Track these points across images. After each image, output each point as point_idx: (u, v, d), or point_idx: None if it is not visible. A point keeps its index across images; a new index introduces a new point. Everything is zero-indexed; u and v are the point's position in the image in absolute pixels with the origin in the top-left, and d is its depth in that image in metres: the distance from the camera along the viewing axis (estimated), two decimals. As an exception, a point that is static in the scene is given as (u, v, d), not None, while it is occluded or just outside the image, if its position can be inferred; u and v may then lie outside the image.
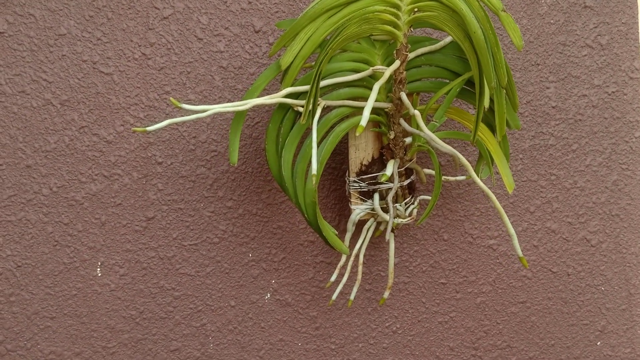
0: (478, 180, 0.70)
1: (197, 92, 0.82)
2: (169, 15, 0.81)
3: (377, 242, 0.87)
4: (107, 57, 0.81)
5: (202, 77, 0.82)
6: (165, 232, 0.83)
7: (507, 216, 0.88)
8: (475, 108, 0.69)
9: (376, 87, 0.68)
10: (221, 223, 0.84)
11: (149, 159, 0.82)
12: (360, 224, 0.83)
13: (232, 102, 0.80)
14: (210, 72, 0.82)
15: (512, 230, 0.71)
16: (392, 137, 0.75)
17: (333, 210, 0.86)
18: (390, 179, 0.76)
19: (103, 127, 0.81)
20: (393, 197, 0.78)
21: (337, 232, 0.77)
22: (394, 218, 0.79)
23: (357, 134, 0.60)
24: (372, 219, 0.80)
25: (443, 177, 0.82)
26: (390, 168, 0.75)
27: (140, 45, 0.81)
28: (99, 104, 0.81)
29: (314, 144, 0.66)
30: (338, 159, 0.85)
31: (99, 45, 0.80)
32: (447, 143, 0.86)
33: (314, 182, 0.62)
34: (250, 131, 0.83)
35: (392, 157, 0.77)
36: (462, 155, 0.84)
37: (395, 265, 0.88)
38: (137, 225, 0.82)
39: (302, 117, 0.69)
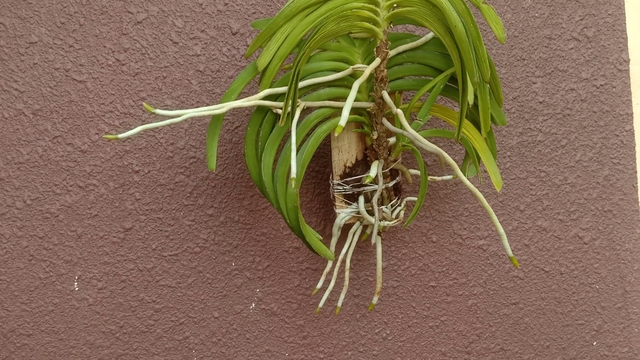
0: (465, 179, 0.68)
1: (173, 97, 0.79)
2: (143, 19, 0.78)
3: (364, 246, 0.84)
4: (80, 64, 0.78)
5: (179, 82, 0.80)
6: (144, 243, 0.80)
7: (497, 215, 0.86)
8: (459, 105, 0.67)
9: (356, 85, 0.66)
10: (202, 232, 0.81)
11: (125, 168, 0.79)
12: (346, 228, 0.81)
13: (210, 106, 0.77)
14: (186, 76, 0.80)
15: (501, 230, 0.69)
16: (375, 137, 0.73)
17: (318, 215, 0.83)
18: (375, 181, 0.74)
19: (77, 136, 0.78)
20: (378, 199, 0.75)
21: (321, 238, 0.75)
22: (380, 221, 0.76)
23: (336, 135, 0.58)
24: (357, 223, 0.78)
25: (429, 177, 0.80)
26: (375, 169, 0.73)
27: (114, 51, 0.79)
28: (72, 113, 0.78)
29: (293, 147, 0.64)
30: (322, 162, 0.82)
31: (71, 53, 0.78)
32: (433, 142, 0.84)
33: (293, 185, 0.60)
34: (230, 136, 0.80)
35: (376, 158, 0.75)
36: (449, 154, 0.81)
37: (383, 269, 0.85)
38: (114, 237, 0.80)
39: (280, 120, 0.66)
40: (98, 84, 0.78)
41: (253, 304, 0.83)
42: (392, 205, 0.77)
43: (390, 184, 0.76)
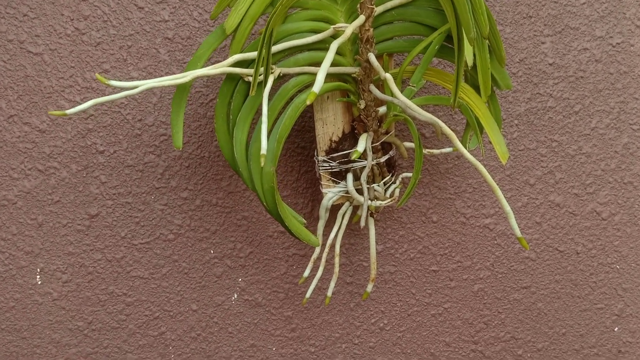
0: (464, 151, 0.60)
1: (140, 68, 0.71)
2: (103, -18, 0.71)
3: (357, 229, 0.76)
4: (35, 35, 0.70)
5: (145, 51, 0.72)
6: (112, 231, 0.73)
7: (504, 191, 0.78)
8: (455, 66, 0.58)
9: (334, 45, 0.57)
10: (176, 217, 0.73)
11: (88, 148, 0.72)
12: (336, 209, 0.73)
13: (178, 77, 0.69)
14: (154, 45, 0.72)
15: (507, 208, 0.61)
16: (362, 106, 0.65)
17: (304, 196, 0.75)
18: (364, 156, 0.66)
19: (35, 114, 0.71)
20: (369, 176, 0.67)
21: (305, 222, 0.67)
22: (372, 200, 0.68)
23: (308, 103, 0.50)
24: (347, 203, 0.70)
25: (426, 151, 0.71)
26: (363, 143, 0.65)
27: (72, 19, 0.71)
28: (28, 89, 0.71)
29: (264, 119, 0.56)
30: (308, 137, 0.74)
31: (25, 22, 0.70)
32: (429, 111, 0.75)
33: (261, 163, 0.52)
34: (205, 110, 0.72)
35: (365, 131, 0.66)
36: (449, 124, 0.73)
37: (379, 253, 0.77)
38: (79, 225, 0.72)
39: (251, 89, 0.58)
40: (56, 56, 0.71)
41: (235, 295, 0.76)
42: (385, 183, 0.69)
43: (382, 159, 0.68)
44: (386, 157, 0.68)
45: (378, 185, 0.68)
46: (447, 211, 0.78)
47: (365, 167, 0.66)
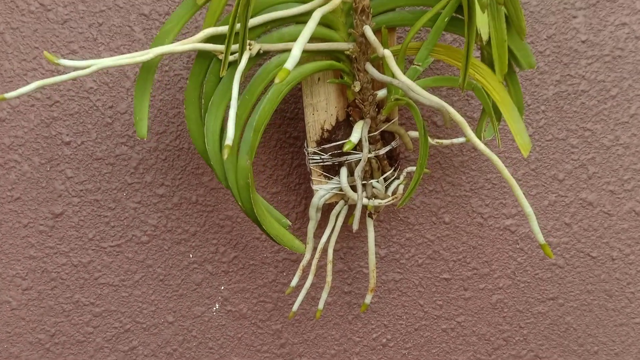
0: (477, 140, 0.50)
1: (112, 48, 0.63)
2: (69, -50, 0.63)
3: (358, 231, 0.67)
4: (-6, 11, 0.63)
5: (118, 29, 0.63)
6: (78, 232, 0.65)
7: (529, 187, 0.68)
8: (465, 39, 0.49)
9: (317, 14, 0.48)
10: (151, 216, 0.65)
11: (53, 139, 0.64)
12: (330, 209, 0.63)
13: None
14: (128, 22, 0.63)
15: (528, 208, 0.51)
16: (357, 89, 0.55)
17: (297, 192, 0.66)
18: (359, 148, 0.56)
19: (-7, 100, 0.63)
20: (365, 170, 0.58)
21: (290, 224, 0.58)
22: (370, 199, 0.59)
23: (277, 82, 0.40)
24: (341, 202, 0.61)
25: (434, 141, 0.62)
26: (358, 132, 0.55)
27: (36, -7, 0.63)
28: (-13, 72, 0.63)
29: (233, 101, 0.47)
30: (301, 126, 0.65)
31: (-16, -3, 0.63)
32: (441, 95, 0.65)
33: (224, 155, 0.43)
34: (183, 95, 0.64)
35: (361, 117, 0.57)
36: (465, 110, 0.63)
37: (382, 258, 0.68)
38: (41, 225, 0.65)
39: (222, 67, 0.49)
40: (18, 36, 0.63)
41: (217, 305, 0.67)
42: (385, 179, 0.60)
43: (382, 152, 0.58)
44: (387, 149, 0.59)
45: (377, 182, 0.59)
46: (461, 210, 0.69)
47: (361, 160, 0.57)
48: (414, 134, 0.61)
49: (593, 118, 0.68)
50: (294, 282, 0.61)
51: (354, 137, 0.55)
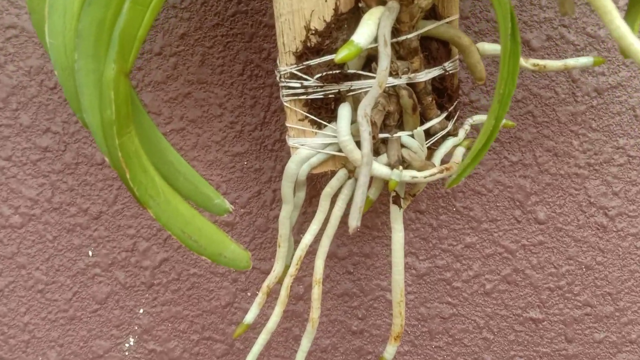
0: (633, 38, 0.20)
1: None
2: None
3: (375, 226, 0.38)
4: None
5: None
6: None
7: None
8: None
9: None
10: (27, 183, 0.39)
11: None
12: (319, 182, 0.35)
13: None
14: None
15: None
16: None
17: (277, 156, 0.38)
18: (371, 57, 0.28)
19: None
20: (386, 111, 0.29)
21: (231, 208, 0.30)
22: (394, 168, 0.30)
23: None
24: (342, 171, 0.32)
25: (532, 62, 0.32)
26: (370, 27, 0.26)
27: None
28: None
29: None
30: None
31: None
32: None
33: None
34: None
35: (382, 2, 0.28)
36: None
37: (419, 278, 0.39)
38: None
39: None
40: None
41: (131, 340, 0.40)
42: (429, 133, 0.31)
43: (423, 77, 0.29)
44: (433, 72, 0.30)
45: (411, 135, 0.30)
46: (568, 201, 0.39)
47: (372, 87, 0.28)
48: (489, 47, 0.32)
49: None
50: (249, 317, 0.33)
51: (361, 36, 0.26)
